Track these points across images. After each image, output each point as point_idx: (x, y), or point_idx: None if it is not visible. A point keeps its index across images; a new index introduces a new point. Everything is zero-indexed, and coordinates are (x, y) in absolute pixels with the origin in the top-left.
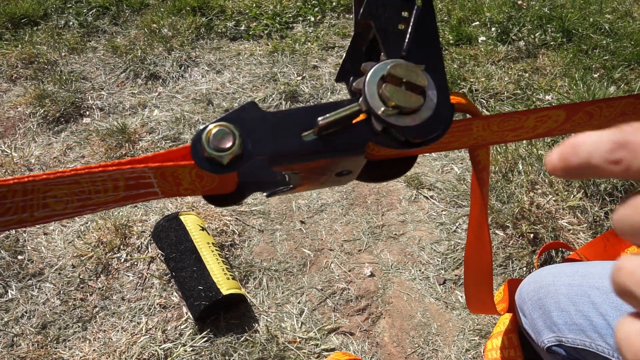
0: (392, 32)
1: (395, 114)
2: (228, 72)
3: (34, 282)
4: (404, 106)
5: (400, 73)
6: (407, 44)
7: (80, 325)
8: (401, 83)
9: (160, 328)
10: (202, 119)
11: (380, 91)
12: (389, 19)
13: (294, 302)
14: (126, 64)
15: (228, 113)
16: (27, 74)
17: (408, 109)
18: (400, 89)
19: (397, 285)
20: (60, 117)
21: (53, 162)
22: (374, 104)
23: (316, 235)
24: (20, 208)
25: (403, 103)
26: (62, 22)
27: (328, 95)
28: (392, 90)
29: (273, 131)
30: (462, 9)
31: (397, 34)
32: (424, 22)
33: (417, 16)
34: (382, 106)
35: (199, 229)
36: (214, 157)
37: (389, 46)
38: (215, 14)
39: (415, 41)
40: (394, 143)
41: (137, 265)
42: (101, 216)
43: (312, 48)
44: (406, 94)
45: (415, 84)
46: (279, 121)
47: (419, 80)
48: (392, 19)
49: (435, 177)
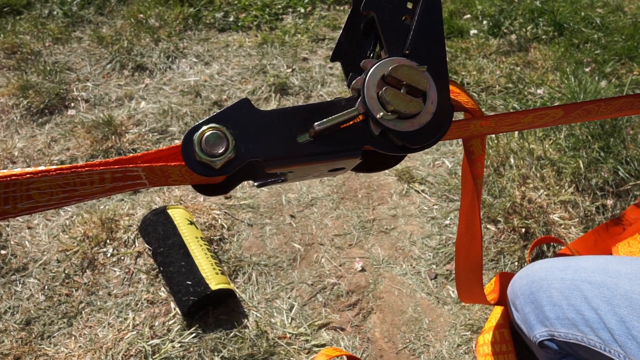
0: (395, 27)
1: (394, 118)
2: (216, 63)
3: (17, 277)
4: (404, 112)
5: (402, 76)
6: (410, 41)
7: (65, 321)
8: (402, 85)
9: (148, 324)
10: (190, 112)
11: (380, 94)
12: (392, 11)
13: (284, 298)
14: (112, 55)
15: (221, 111)
16: (9, 64)
17: (407, 114)
18: (400, 93)
19: (388, 280)
20: (45, 108)
21: (37, 154)
22: (373, 107)
23: (306, 230)
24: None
25: (403, 109)
26: (46, 12)
27: (318, 88)
28: (392, 95)
29: (267, 133)
30: (454, 2)
31: (400, 29)
32: (429, 16)
33: (423, 10)
34: (382, 111)
35: (187, 223)
36: (206, 162)
37: (391, 42)
38: (204, 5)
39: (419, 38)
40: (391, 147)
41: (123, 260)
42: (87, 210)
43: (302, 40)
44: (406, 98)
45: (416, 87)
46: (273, 122)
47: (421, 84)
48: (396, 11)
49: (426, 171)
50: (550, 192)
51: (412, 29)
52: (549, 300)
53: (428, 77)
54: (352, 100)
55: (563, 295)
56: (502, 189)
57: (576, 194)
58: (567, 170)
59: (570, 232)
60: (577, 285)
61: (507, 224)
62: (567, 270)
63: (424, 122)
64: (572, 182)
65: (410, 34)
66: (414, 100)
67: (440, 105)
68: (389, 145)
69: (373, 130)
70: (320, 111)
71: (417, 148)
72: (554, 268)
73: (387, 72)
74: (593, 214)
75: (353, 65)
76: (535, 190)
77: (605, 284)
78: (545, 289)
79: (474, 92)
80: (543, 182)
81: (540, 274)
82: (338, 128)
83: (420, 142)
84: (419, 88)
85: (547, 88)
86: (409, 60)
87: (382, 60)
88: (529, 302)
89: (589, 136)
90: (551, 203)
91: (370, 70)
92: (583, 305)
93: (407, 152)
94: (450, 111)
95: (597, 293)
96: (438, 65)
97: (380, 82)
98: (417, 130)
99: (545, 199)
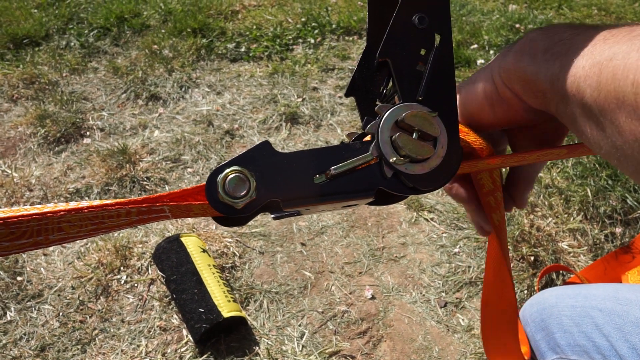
0: (409, 74)
1: (406, 162)
2: (228, 93)
3: (33, 303)
4: (415, 157)
5: (414, 122)
6: (423, 88)
7: (79, 348)
8: (414, 131)
9: (160, 351)
10: (203, 140)
11: (393, 139)
12: (407, 58)
13: (295, 325)
14: (127, 85)
15: (243, 153)
16: (28, 94)
17: (419, 159)
18: (412, 138)
19: (398, 308)
20: (61, 137)
21: (53, 182)
22: (387, 151)
23: (317, 258)
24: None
25: (414, 154)
26: (64, 43)
27: (328, 117)
28: (405, 140)
29: (286, 175)
30: (461, 32)
31: (414, 76)
32: (441, 63)
33: (435, 57)
34: (395, 155)
35: (200, 251)
36: (228, 203)
37: (404, 89)
38: (216, 36)
39: (432, 85)
40: (403, 188)
41: (137, 287)
42: (101, 237)
43: (312, 70)
44: (418, 144)
45: (427, 133)
46: (291, 164)
47: (432, 130)
48: (410, 58)
49: (435, 199)
50: (558, 220)
51: (425, 76)
52: (560, 327)
53: (439, 123)
54: (366, 144)
55: (574, 322)
56: (511, 217)
57: (584, 222)
58: (575, 199)
59: (579, 260)
60: (588, 312)
61: (516, 252)
62: (578, 298)
63: (434, 165)
64: (580, 210)
65: (423, 80)
66: (425, 145)
67: (450, 148)
68: (401, 187)
69: (386, 173)
70: (337, 154)
71: (427, 190)
72: (564, 295)
73: (400, 118)
74: (602, 242)
75: (366, 100)
76: (543, 218)
77: (616, 311)
78: (556, 316)
79: None
80: (551, 210)
81: (550, 301)
82: (353, 171)
83: (430, 185)
84: (430, 133)
85: None
86: (421, 106)
87: (396, 107)
88: (539, 329)
89: (596, 164)
90: (560, 231)
91: (385, 115)
92: (594, 332)
93: (417, 193)
94: (459, 154)
95: (608, 320)
96: (449, 110)
97: (394, 127)
98: (427, 173)
99: (554, 227)
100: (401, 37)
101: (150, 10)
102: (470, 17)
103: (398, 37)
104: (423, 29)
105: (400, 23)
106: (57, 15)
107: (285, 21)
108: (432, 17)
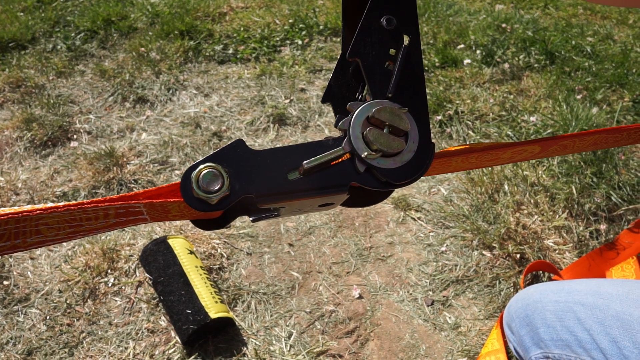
0: (379, 72)
1: (378, 156)
2: (216, 95)
3: (19, 307)
4: (387, 150)
5: (385, 117)
6: (392, 85)
7: (66, 351)
8: (385, 126)
9: (148, 353)
10: (190, 142)
11: (365, 134)
12: (376, 58)
13: (283, 325)
14: (114, 88)
15: (217, 151)
16: (14, 98)
17: (390, 153)
18: (383, 133)
19: (385, 307)
20: (48, 141)
21: (40, 186)
22: (358, 146)
23: (304, 258)
24: (13, 235)
25: (386, 147)
26: (50, 46)
27: (316, 118)
28: (376, 135)
29: (260, 171)
30: (448, 32)
31: (384, 74)
32: (411, 61)
33: (404, 56)
34: (366, 150)
35: (187, 253)
36: (202, 198)
37: (375, 86)
38: (204, 38)
39: (401, 82)
40: (376, 183)
41: (124, 290)
42: (88, 240)
43: (300, 71)
44: (389, 138)
45: (398, 128)
46: (265, 161)
47: (403, 125)
48: (380, 58)
49: (422, 198)
50: (544, 218)
51: (395, 74)
52: (544, 322)
53: (409, 118)
54: (339, 140)
55: (557, 317)
56: (497, 215)
57: (570, 220)
58: (560, 196)
59: (564, 257)
60: (571, 307)
61: (502, 249)
62: (561, 293)
63: (406, 159)
64: (565, 207)
65: (392, 78)
66: (396, 140)
67: (422, 143)
68: (374, 181)
69: (358, 168)
70: (310, 150)
71: (400, 184)
72: (548, 291)
73: (371, 114)
74: (587, 239)
75: (342, 106)
76: (529, 216)
77: (598, 305)
78: (540, 311)
79: (468, 120)
80: (537, 208)
81: (535, 296)
82: (326, 166)
83: (402, 179)
84: (400, 128)
85: (540, 115)
86: (391, 102)
87: (367, 103)
88: (524, 324)
89: (581, 162)
90: (545, 229)
91: (356, 112)
92: (576, 326)
93: (390, 187)
94: (431, 149)
95: (589, 314)
96: (419, 106)
97: (365, 122)
98: (399, 167)
99: (540, 224)
100: (370, 38)
101: (138, 12)
102: (457, 17)
103: (367, 38)
104: (391, 30)
105: (368, 24)
106: (44, 19)
107: (273, 23)
108: (399, 19)
